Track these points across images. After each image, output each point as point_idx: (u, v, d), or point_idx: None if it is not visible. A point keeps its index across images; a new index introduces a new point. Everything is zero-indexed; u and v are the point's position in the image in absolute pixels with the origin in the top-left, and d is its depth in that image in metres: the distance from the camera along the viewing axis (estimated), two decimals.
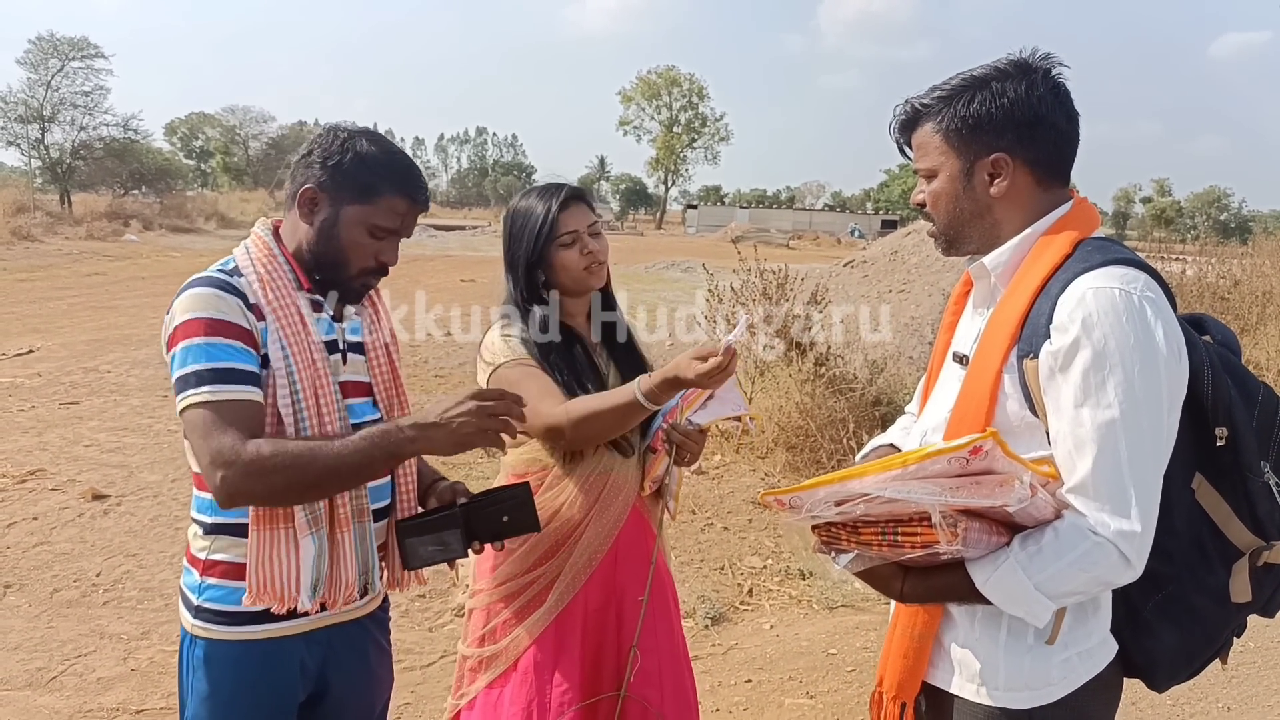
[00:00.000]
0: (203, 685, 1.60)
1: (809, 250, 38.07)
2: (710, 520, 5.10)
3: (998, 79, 1.39)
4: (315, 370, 1.58)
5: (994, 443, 1.18)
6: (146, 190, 36.34)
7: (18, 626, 3.62)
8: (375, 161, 1.60)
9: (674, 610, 2.13)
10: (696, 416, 2.00)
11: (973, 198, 1.42)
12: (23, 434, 6.16)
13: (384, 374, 1.76)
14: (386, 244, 1.65)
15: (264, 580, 1.52)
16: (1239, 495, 1.37)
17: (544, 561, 1.97)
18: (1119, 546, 1.23)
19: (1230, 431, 1.34)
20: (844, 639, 3.79)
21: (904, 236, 9.68)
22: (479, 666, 2.01)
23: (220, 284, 1.53)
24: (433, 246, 28.92)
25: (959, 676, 1.44)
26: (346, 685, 1.73)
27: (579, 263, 1.98)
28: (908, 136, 1.49)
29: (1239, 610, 1.42)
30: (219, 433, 1.43)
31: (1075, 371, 1.26)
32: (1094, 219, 1.42)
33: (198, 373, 1.46)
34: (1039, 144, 1.39)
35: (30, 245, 20.26)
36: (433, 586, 4.10)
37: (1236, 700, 3.40)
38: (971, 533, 1.22)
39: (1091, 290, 1.27)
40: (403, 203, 1.63)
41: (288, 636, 1.61)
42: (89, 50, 34.30)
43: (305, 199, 1.61)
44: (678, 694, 2.03)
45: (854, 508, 1.23)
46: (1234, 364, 1.41)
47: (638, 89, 73.74)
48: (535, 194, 2.03)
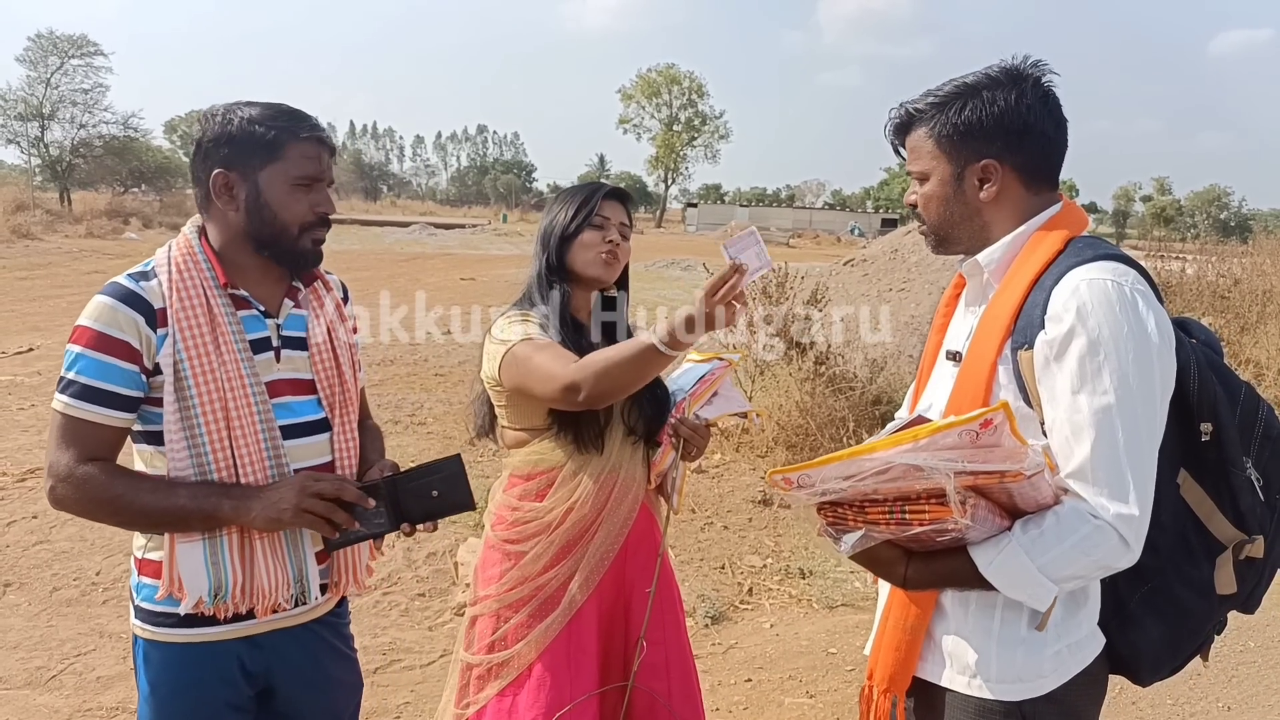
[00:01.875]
0: (144, 684, 1.63)
1: (809, 249, 38.07)
2: (710, 519, 5.09)
3: (989, 87, 1.43)
4: (224, 372, 1.56)
5: (1004, 415, 1.18)
6: (146, 188, 36.36)
7: (17, 625, 3.62)
8: (263, 118, 1.58)
9: (678, 605, 2.14)
10: (704, 411, 2.01)
11: (963, 201, 1.47)
12: (22, 432, 6.15)
13: (328, 370, 1.72)
14: (316, 193, 1.63)
15: (174, 575, 1.55)
16: (1222, 489, 1.40)
17: (557, 563, 1.94)
18: (1118, 530, 1.26)
19: (1215, 427, 1.38)
20: (844, 638, 3.79)
21: (904, 235, 9.67)
22: (488, 675, 1.96)
23: (123, 294, 1.53)
24: (433, 245, 28.94)
25: (950, 669, 1.45)
26: (297, 689, 1.73)
27: (598, 246, 1.98)
28: (901, 139, 1.54)
29: (1221, 604, 1.45)
30: (63, 446, 1.52)
31: (1071, 359, 1.29)
32: (1082, 220, 1.47)
33: (69, 381, 1.52)
34: (1028, 151, 1.44)
35: (30, 243, 20.25)
36: (432, 585, 4.10)
37: (1237, 700, 3.40)
38: (980, 510, 1.24)
39: (1085, 282, 1.31)
40: (310, 145, 1.61)
41: (224, 640, 1.62)
42: (88, 48, 34.37)
43: (219, 186, 1.59)
44: (684, 687, 2.03)
45: (863, 482, 1.23)
46: (1217, 363, 1.45)
47: (638, 87, 73.71)
48: (586, 185, 2.11)
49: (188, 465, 1.54)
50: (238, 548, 1.57)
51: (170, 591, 1.56)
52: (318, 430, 1.69)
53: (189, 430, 1.54)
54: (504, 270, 4.36)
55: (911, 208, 1.55)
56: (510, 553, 1.98)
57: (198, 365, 1.54)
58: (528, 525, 1.96)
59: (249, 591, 1.58)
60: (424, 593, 4.04)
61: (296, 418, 1.65)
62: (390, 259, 21.58)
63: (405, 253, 24.58)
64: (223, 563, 1.56)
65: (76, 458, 1.51)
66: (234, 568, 1.57)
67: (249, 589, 1.58)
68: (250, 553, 1.58)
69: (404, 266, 20.00)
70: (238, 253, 1.63)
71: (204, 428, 1.54)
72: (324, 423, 1.70)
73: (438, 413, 7.10)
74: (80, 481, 1.50)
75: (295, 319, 1.70)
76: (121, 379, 1.51)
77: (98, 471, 1.51)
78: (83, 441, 1.52)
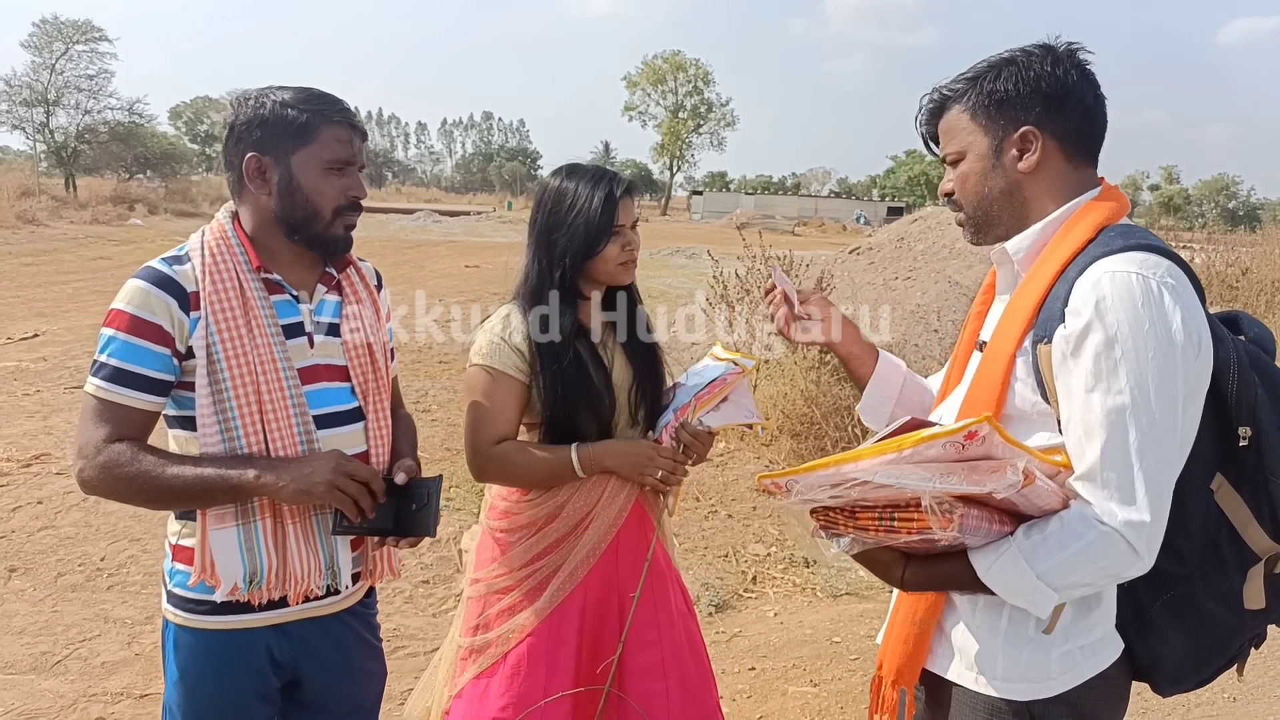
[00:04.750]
0: (173, 669, 1.64)
1: (815, 237, 37.92)
2: (714, 508, 5.09)
3: (1024, 56, 1.39)
4: (257, 355, 1.55)
5: (990, 428, 1.16)
6: (151, 174, 36.33)
7: (22, 610, 3.63)
8: (295, 102, 1.58)
9: (680, 602, 2.07)
10: (708, 418, 1.95)
11: (1002, 174, 1.41)
12: (28, 418, 6.16)
13: (361, 358, 1.71)
14: (348, 177, 1.63)
15: (206, 562, 1.55)
16: (1260, 498, 1.33)
17: (546, 555, 1.94)
18: (1126, 537, 1.19)
19: (1254, 431, 1.31)
20: (848, 627, 3.78)
21: (910, 223, 9.62)
22: (468, 656, 1.99)
23: (157, 278, 1.53)
24: (438, 232, 28.90)
25: (958, 663, 1.43)
26: (324, 679, 1.73)
27: (618, 257, 1.93)
28: (934, 127, 1.49)
29: (1254, 618, 1.38)
30: (93, 426, 1.52)
31: (1086, 356, 1.23)
32: (1122, 205, 1.40)
33: (103, 364, 1.52)
34: (1068, 118, 1.38)
35: (35, 229, 20.26)
36: (437, 573, 4.10)
37: (1243, 690, 3.39)
38: (969, 520, 1.20)
39: (1108, 274, 1.25)
40: (342, 129, 1.61)
41: (255, 628, 1.62)
42: (93, 33, 34.25)
43: (252, 170, 1.58)
44: (685, 686, 1.97)
45: (848, 491, 1.21)
46: (1264, 362, 1.37)
47: (643, 74, 73.30)
48: (588, 179, 1.92)
49: (220, 449, 1.55)
50: (271, 533, 1.58)
51: (202, 577, 1.55)
52: (352, 420, 1.69)
53: (222, 414, 1.54)
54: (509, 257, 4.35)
55: (947, 196, 1.48)
56: (501, 541, 1.99)
57: (231, 349, 1.54)
58: (517, 516, 1.96)
59: (283, 577, 1.59)
60: (428, 579, 4.05)
61: (331, 406, 1.65)
62: (395, 246, 21.55)
63: (410, 239, 24.56)
64: (257, 548, 1.57)
65: (106, 440, 1.51)
66: (268, 552, 1.57)
67: (283, 574, 1.59)
68: (283, 538, 1.59)
69: (409, 253, 19.99)
70: (270, 237, 1.63)
71: (236, 411, 1.54)
72: (358, 412, 1.69)
73: (442, 400, 7.10)
74: (107, 462, 1.50)
75: (329, 305, 1.70)
76: (153, 362, 1.51)
77: (125, 449, 1.51)
78: (113, 424, 1.52)
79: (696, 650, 2.06)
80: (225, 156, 1.62)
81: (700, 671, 2.05)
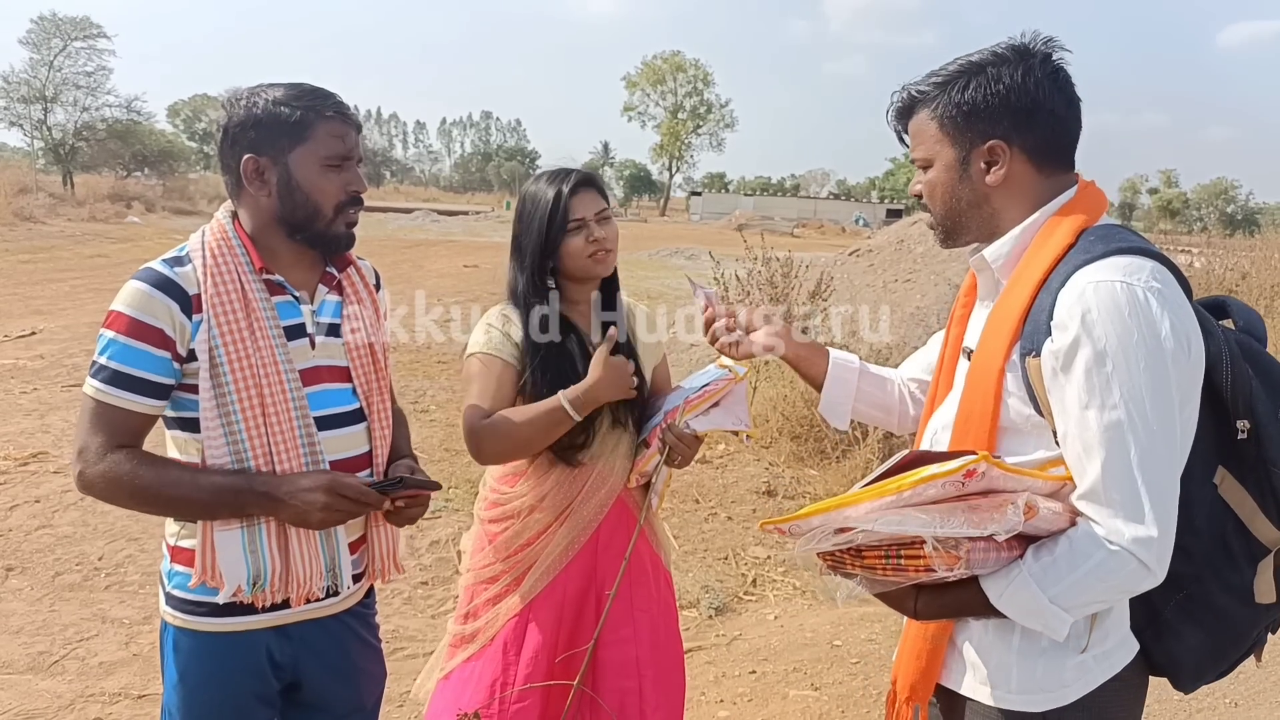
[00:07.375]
0: (173, 672, 1.63)
1: (814, 238, 37.93)
2: (714, 510, 5.08)
3: (994, 64, 1.35)
4: (259, 358, 1.55)
5: (987, 465, 1.15)
6: (149, 172, 36.26)
7: (20, 610, 3.61)
8: (288, 99, 1.56)
9: (661, 601, 2.10)
10: (696, 423, 1.97)
11: (970, 187, 1.39)
12: (25, 416, 6.13)
13: (363, 359, 1.70)
14: (347, 172, 1.61)
15: (208, 564, 1.54)
16: (1264, 489, 1.32)
17: (529, 544, 2.00)
18: (1136, 554, 1.18)
19: (1252, 423, 1.29)
20: (849, 630, 3.77)
21: (910, 225, 9.62)
22: (459, 642, 2.05)
23: (159, 280, 1.52)
24: (436, 231, 28.88)
25: (972, 678, 1.41)
26: (324, 680, 1.73)
27: (584, 250, 1.96)
28: (904, 124, 1.46)
29: (1268, 611, 1.37)
30: (93, 430, 1.51)
31: (1078, 372, 1.21)
32: (1100, 204, 1.37)
33: (103, 366, 1.51)
34: (1036, 130, 1.35)
35: (33, 226, 20.21)
36: (435, 574, 4.09)
37: (1244, 695, 3.38)
38: (976, 553, 1.19)
39: (1092, 285, 1.22)
40: (336, 124, 1.59)
41: (256, 630, 1.62)
42: (91, 30, 34.20)
43: (249, 172, 1.57)
44: (659, 684, 2.02)
45: (853, 537, 1.21)
46: (1257, 352, 1.36)
47: (643, 75, 73.33)
48: (545, 179, 2.00)
49: (224, 453, 1.54)
50: (275, 535, 1.57)
51: (204, 579, 1.55)
52: (354, 420, 1.68)
53: (225, 417, 1.53)
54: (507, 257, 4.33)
55: (917, 198, 1.47)
56: (490, 532, 2.05)
57: (233, 351, 1.53)
58: (504, 508, 2.02)
59: (286, 579, 1.58)
60: (426, 581, 4.04)
61: (332, 408, 1.64)
62: (394, 245, 21.52)
63: (408, 239, 24.52)
64: (261, 551, 1.56)
65: (105, 444, 1.50)
66: (272, 555, 1.57)
67: (286, 576, 1.58)
68: (286, 541, 1.58)
69: (407, 252, 19.95)
70: (271, 237, 1.62)
71: (240, 415, 1.53)
72: (359, 413, 1.69)
73: (440, 400, 7.08)
74: (107, 471, 1.50)
75: (329, 305, 1.69)
76: (153, 366, 1.50)
77: (125, 459, 1.50)
78: (112, 427, 1.51)
79: (674, 650, 2.10)
80: (221, 159, 1.60)
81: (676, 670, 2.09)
